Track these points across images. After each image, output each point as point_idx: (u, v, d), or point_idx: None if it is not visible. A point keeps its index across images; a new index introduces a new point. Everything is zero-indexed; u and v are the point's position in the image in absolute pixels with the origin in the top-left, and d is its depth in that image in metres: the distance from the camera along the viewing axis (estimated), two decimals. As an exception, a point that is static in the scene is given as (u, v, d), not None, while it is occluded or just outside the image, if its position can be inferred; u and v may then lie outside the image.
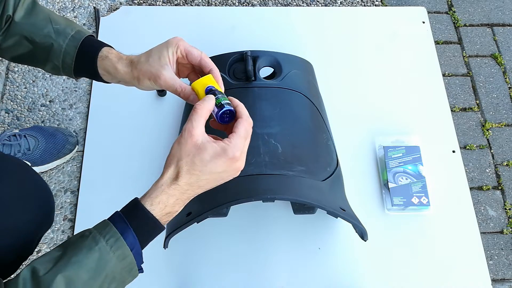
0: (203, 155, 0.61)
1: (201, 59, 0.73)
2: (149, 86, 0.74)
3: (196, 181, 0.61)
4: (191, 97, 0.70)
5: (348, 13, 1.52)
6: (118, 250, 0.57)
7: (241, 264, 1.13)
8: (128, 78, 0.74)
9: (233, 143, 0.62)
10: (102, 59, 0.76)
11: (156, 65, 0.71)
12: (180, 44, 0.73)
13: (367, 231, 0.97)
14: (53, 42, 0.76)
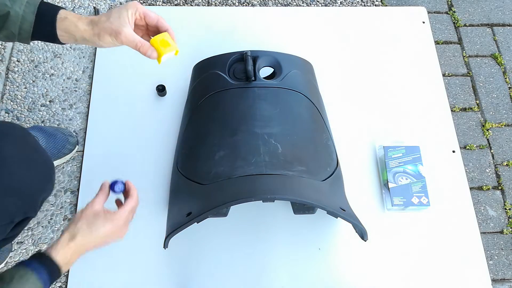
0: (96, 220, 0.79)
1: (158, 20, 0.84)
2: (109, 42, 0.80)
3: (88, 242, 0.78)
4: (149, 51, 0.81)
5: (348, 13, 1.52)
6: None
7: (241, 264, 1.13)
8: (88, 35, 0.79)
9: (118, 215, 0.81)
10: (61, 20, 0.79)
11: (117, 23, 0.78)
12: (139, 7, 0.82)
13: (367, 231, 0.97)
14: (9, 9, 0.78)
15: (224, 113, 1.03)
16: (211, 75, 1.10)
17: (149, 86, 1.33)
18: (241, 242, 1.15)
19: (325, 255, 1.15)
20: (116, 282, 1.11)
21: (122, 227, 0.82)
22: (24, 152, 0.81)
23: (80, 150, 1.26)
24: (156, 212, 1.17)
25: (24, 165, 0.79)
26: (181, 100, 1.29)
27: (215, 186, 0.94)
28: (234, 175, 0.93)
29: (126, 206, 0.84)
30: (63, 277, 1.13)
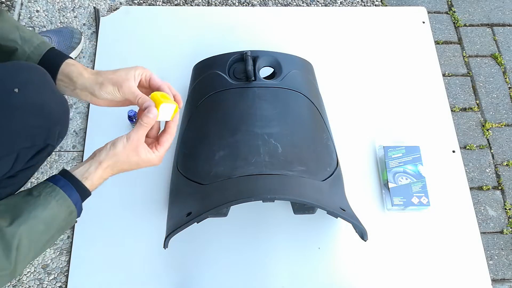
0: (133, 157, 0.80)
1: (161, 85, 0.85)
2: (110, 92, 0.82)
3: (120, 170, 0.80)
4: (146, 103, 0.81)
5: (348, 13, 1.52)
6: (68, 208, 0.72)
7: (241, 264, 1.13)
8: (90, 83, 0.82)
9: (157, 154, 0.81)
10: (67, 65, 0.83)
11: (122, 76, 0.81)
12: (146, 70, 0.85)
13: (367, 231, 0.97)
14: (18, 47, 0.82)
15: (224, 113, 1.03)
16: (211, 75, 1.10)
17: (149, 86, 1.33)
18: (241, 242, 1.15)
19: (325, 255, 1.15)
20: (116, 282, 1.11)
21: (157, 163, 0.82)
22: (46, 84, 0.84)
23: (80, 150, 1.26)
24: (156, 212, 1.17)
25: (46, 92, 0.82)
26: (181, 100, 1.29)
27: (215, 186, 0.94)
28: (234, 175, 0.93)
29: (165, 144, 0.83)
30: (63, 277, 1.13)
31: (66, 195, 0.72)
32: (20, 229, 0.66)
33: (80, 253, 1.13)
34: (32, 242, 0.67)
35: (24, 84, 0.83)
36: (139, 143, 0.79)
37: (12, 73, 0.84)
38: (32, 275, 1.14)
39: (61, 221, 0.71)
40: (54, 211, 0.70)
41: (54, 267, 1.15)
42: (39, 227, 0.68)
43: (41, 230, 0.69)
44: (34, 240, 0.68)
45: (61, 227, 0.73)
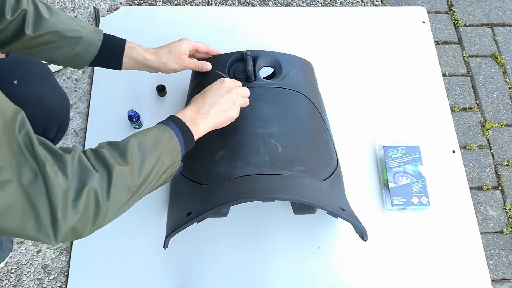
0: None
1: (207, 48, 1.09)
2: (174, 68, 1.02)
3: (203, 110, 0.89)
4: (205, 65, 1.07)
5: (348, 13, 1.52)
6: (168, 133, 0.79)
7: (241, 264, 1.13)
8: (154, 64, 1.00)
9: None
10: (130, 49, 0.97)
11: (181, 51, 1.02)
12: (190, 42, 1.05)
13: (367, 231, 0.97)
14: (83, 35, 0.90)
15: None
16: (211, 75, 1.10)
17: (149, 86, 1.33)
18: (241, 242, 1.15)
19: (324, 254, 1.15)
20: (116, 282, 1.11)
21: (225, 96, 0.90)
22: (46, 77, 0.93)
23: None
24: (156, 212, 1.17)
25: (45, 85, 0.91)
26: (181, 100, 1.29)
27: (215, 186, 0.94)
28: (234, 175, 0.93)
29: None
30: (63, 277, 1.13)
31: (164, 124, 0.80)
32: (131, 140, 0.72)
33: (80, 253, 1.13)
34: (143, 154, 0.71)
35: (23, 77, 0.86)
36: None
37: (12, 66, 0.88)
38: (32, 275, 1.14)
39: (164, 141, 0.76)
40: (157, 133, 0.77)
41: (54, 267, 1.15)
42: (147, 140, 0.74)
43: (150, 144, 0.74)
44: (144, 152, 0.72)
45: (167, 150, 0.76)
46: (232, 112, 0.92)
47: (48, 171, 0.58)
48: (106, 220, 0.67)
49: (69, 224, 0.60)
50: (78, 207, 0.60)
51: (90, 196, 0.62)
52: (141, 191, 0.72)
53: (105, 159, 0.66)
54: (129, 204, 0.71)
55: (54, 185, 0.58)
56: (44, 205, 0.57)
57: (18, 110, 0.58)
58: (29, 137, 0.58)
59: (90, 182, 0.62)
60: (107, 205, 0.64)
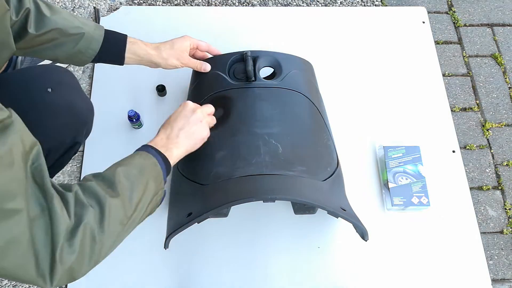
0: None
1: (208, 47, 1.11)
2: (174, 64, 1.03)
3: (173, 136, 0.88)
4: (204, 66, 1.09)
5: (348, 13, 1.52)
6: (151, 160, 0.78)
7: (241, 264, 1.13)
8: (155, 58, 1.01)
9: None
10: (132, 43, 0.98)
11: (182, 49, 1.04)
12: (192, 39, 1.07)
13: (367, 231, 0.97)
14: (85, 32, 0.91)
15: (224, 114, 1.03)
16: (211, 76, 1.10)
17: (149, 86, 1.33)
18: (241, 242, 1.15)
19: (324, 254, 1.15)
20: (116, 282, 1.11)
21: (190, 118, 0.90)
22: (75, 85, 0.97)
23: (80, 150, 1.26)
24: (156, 213, 1.16)
25: (75, 93, 0.95)
26: (181, 100, 1.29)
27: (216, 187, 0.94)
28: (235, 175, 0.93)
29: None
30: (63, 277, 1.13)
31: (144, 151, 0.80)
32: (117, 170, 0.70)
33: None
34: (131, 184, 0.70)
35: (56, 85, 0.89)
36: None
37: (45, 75, 0.91)
38: (32, 275, 1.14)
39: (149, 169, 0.76)
40: (140, 161, 0.77)
41: (54, 267, 1.14)
42: (132, 170, 0.73)
43: (135, 173, 0.73)
44: (132, 181, 0.71)
45: (153, 177, 0.75)
46: (202, 132, 0.92)
47: (56, 206, 0.56)
48: (101, 256, 0.65)
49: (66, 266, 0.58)
50: (75, 246, 0.58)
51: (86, 233, 0.60)
52: (131, 222, 0.70)
53: (96, 192, 0.64)
54: (121, 238, 0.69)
55: (59, 221, 0.56)
56: (45, 244, 0.56)
57: (36, 142, 0.58)
58: (41, 171, 0.57)
59: (84, 218, 0.60)
60: (102, 239, 0.62)
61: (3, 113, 0.52)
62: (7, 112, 0.53)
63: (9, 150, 0.51)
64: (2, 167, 0.51)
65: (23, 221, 0.53)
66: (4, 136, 0.51)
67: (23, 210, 0.53)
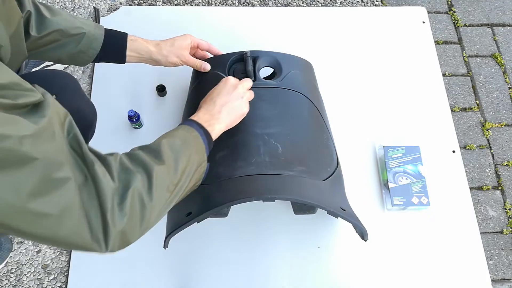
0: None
1: (209, 46, 1.12)
2: (174, 62, 1.03)
3: (214, 111, 0.89)
4: (204, 65, 1.09)
5: (348, 13, 1.52)
6: (193, 133, 0.81)
7: (241, 264, 1.13)
8: (156, 55, 1.01)
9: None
10: (132, 41, 0.98)
11: (182, 47, 1.04)
12: (193, 38, 1.07)
13: (367, 231, 0.97)
14: (86, 31, 0.91)
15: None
16: (211, 76, 1.10)
17: (149, 86, 1.33)
18: (241, 242, 1.15)
19: (324, 254, 1.15)
20: (116, 282, 1.11)
21: (232, 94, 0.91)
22: (78, 90, 0.98)
23: (80, 150, 1.26)
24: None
25: (78, 97, 0.96)
26: (181, 100, 1.29)
27: (216, 186, 0.94)
28: (235, 175, 0.93)
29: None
30: (63, 277, 1.13)
31: (187, 125, 0.82)
32: (162, 141, 0.74)
33: (80, 253, 1.13)
34: (176, 154, 0.73)
35: (59, 90, 0.89)
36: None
37: (48, 81, 0.91)
38: (32, 275, 1.14)
39: (192, 141, 0.79)
40: (184, 133, 0.80)
41: (54, 267, 1.15)
42: (176, 141, 0.76)
43: (179, 144, 0.76)
44: (176, 151, 0.73)
45: (196, 149, 0.78)
46: (243, 108, 0.93)
47: (98, 172, 0.58)
48: (151, 222, 0.67)
49: (118, 228, 0.59)
50: (125, 209, 0.60)
51: (134, 197, 0.62)
52: (177, 190, 0.73)
53: (142, 161, 0.67)
54: (169, 205, 0.72)
55: (104, 186, 0.58)
56: (94, 209, 0.57)
57: (67, 113, 0.60)
58: (78, 140, 0.59)
59: (133, 183, 0.62)
60: (151, 205, 0.65)
61: (35, 94, 0.55)
62: (39, 93, 0.56)
63: (49, 123, 0.54)
64: (47, 138, 0.53)
65: (72, 189, 0.55)
66: (42, 111, 0.54)
67: (71, 178, 0.55)
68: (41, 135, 0.52)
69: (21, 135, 0.49)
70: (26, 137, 0.50)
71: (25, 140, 0.49)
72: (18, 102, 0.52)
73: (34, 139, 0.51)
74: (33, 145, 0.50)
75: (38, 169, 0.51)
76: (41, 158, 0.51)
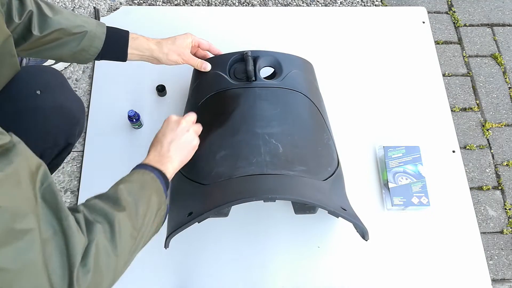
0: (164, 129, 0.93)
1: (210, 46, 1.12)
2: (174, 60, 1.03)
3: (165, 150, 0.87)
4: (204, 65, 1.08)
5: (348, 13, 1.52)
6: (149, 175, 0.79)
7: (241, 264, 1.13)
8: (157, 53, 1.01)
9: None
10: (133, 39, 0.99)
11: (182, 45, 1.04)
12: (194, 37, 1.07)
13: (368, 231, 0.97)
14: (87, 30, 0.92)
15: (225, 113, 1.03)
16: (212, 76, 1.10)
17: (149, 86, 1.33)
18: (241, 242, 1.15)
19: (324, 254, 1.15)
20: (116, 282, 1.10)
21: (177, 130, 0.89)
22: (64, 85, 0.96)
23: (80, 150, 1.26)
24: (156, 212, 1.17)
25: (64, 93, 0.94)
26: (181, 100, 1.29)
27: (216, 186, 0.94)
28: (235, 175, 0.93)
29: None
30: (63, 277, 1.13)
31: (141, 169, 0.81)
32: (119, 187, 0.71)
33: (80, 253, 1.13)
34: (135, 198, 0.71)
35: (45, 86, 0.89)
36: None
37: (32, 77, 0.90)
38: (32, 275, 1.13)
39: (149, 183, 0.77)
40: (139, 177, 0.78)
41: (54, 267, 1.14)
42: (133, 186, 0.74)
43: (137, 188, 0.74)
44: (135, 196, 0.72)
45: (154, 191, 0.76)
46: (192, 141, 0.92)
47: (72, 226, 0.55)
48: (118, 272, 0.64)
49: (83, 287, 0.55)
50: (89, 265, 0.56)
51: (99, 249, 0.59)
52: (140, 236, 0.70)
53: (102, 209, 0.64)
54: (134, 253, 0.69)
55: (76, 242, 0.55)
56: (60, 266, 0.53)
57: (41, 163, 0.56)
58: (53, 191, 0.55)
59: (95, 235, 0.59)
60: (116, 254, 0.62)
61: (4, 138, 0.51)
62: (9, 136, 0.52)
63: (14, 170, 0.50)
64: (10, 186, 0.50)
65: (36, 242, 0.51)
66: (8, 157, 0.51)
67: (35, 230, 0.51)
68: (6, 182, 0.49)
69: None
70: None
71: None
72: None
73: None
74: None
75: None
76: (3, 206, 0.48)
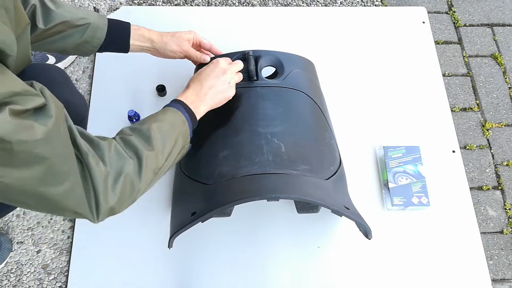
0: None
1: (210, 46, 1.12)
2: (173, 49, 1.04)
3: (199, 90, 0.94)
4: (203, 57, 1.08)
5: (348, 13, 1.52)
6: (181, 117, 0.86)
7: (242, 263, 1.13)
8: (158, 42, 1.02)
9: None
10: (136, 30, 1.00)
11: (183, 37, 1.05)
12: (196, 35, 1.09)
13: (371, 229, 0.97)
14: (90, 22, 0.93)
15: (227, 113, 1.03)
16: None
17: (149, 86, 1.33)
18: (243, 241, 1.15)
19: (324, 253, 1.15)
20: (116, 282, 1.10)
21: (221, 78, 0.95)
22: (67, 82, 0.99)
23: (80, 150, 1.26)
24: (157, 213, 1.16)
25: (68, 90, 0.98)
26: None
27: (219, 186, 0.94)
28: (238, 174, 0.93)
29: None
30: (63, 277, 1.13)
31: (174, 108, 0.87)
32: (152, 126, 0.79)
33: (80, 253, 1.13)
34: (163, 138, 0.80)
35: (49, 84, 0.89)
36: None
37: (36, 74, 0.91)
38: (32, 275, 1.14)
39: (179, 126, 0.85)
40: (172, 117, 0.85)
41: (54, 267, 1.15)
42: (164, 126, 0.81)
43: (167, 128, 0.82)
44: (164, 136, 0.80)
45: (181, 133, 0.84)
46: (228, 92, 0.97)
47: (91, 162, 0.66)
48: (135, 199, 0.77)
49: (109, 206, 0.69)
50: (116, 191, 0.70)
51: (126, 181, 0.71)
52: (161, 171, 0.81)
53: (135, 146, 0.75)
54: (153, 183, 0.81)
55: (96, 174, 0.67)
56: (90, 190, 0.67)
57: (62, 105, 0.65)
58: (72, 130, 0.66)
59: (125, 169, 0.71)
60: (139, 186, 0.74)
61: (39, 99, 0.59)
62: (42, 97, 0.60)
63: (56, 121, 0.60)
64: (55, 137, 0.60)
65: (77, 174, 0.65)
66: (48, 110, 0.60)
67: (73, 168, 0.64)
68: (51, 136, 0.59)
69: (35, 139, 0.56)
70: (39, 140, 0.57)
71: (38, 143, 0.57)
72: (27, 107, 0.56)
73: (45, 140, 0.58)
74: (44, 146, 0.58)
75: (48, 164, 0.59)
76: (51, 157, 0.59)
